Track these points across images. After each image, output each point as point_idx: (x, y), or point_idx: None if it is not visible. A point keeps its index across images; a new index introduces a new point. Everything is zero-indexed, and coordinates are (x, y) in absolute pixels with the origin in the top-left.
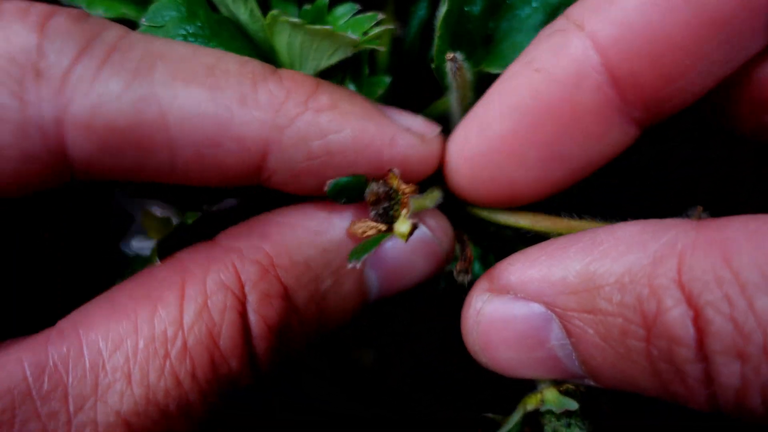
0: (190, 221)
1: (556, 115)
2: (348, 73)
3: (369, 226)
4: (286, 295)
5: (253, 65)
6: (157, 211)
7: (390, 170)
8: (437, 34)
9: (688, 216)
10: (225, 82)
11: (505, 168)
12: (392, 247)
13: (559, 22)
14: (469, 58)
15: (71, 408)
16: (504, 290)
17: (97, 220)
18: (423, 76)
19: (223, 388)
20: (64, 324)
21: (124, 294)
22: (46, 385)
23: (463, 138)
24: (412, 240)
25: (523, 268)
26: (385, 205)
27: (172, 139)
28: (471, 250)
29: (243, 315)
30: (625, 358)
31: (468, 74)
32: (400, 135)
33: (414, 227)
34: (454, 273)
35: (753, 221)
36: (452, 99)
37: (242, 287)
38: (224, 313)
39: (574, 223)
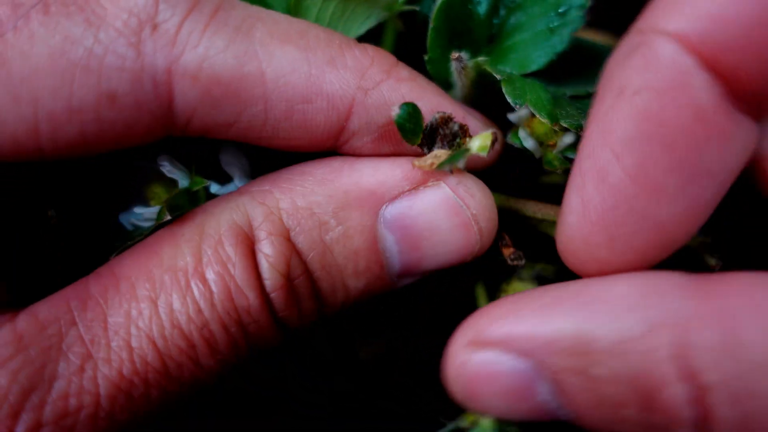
0: (195, 188)
1: (677, 129)
2: None
3: (437, 155)
4: (288, 237)
5: (339, 35)
6: (166, 167)
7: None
8: (431, 26)
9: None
10: (316, 44)
11: (647, 210)
12: (411, 206)
13: (631, 41)
14: (473, 55)
15: (110, 333)
16: (490, 344)
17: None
18: (424, 69)
19: (246, 325)
20: (101, 269)
21: (153, 238)
22: (89, 314)
23: (578, 205)
24: (436, 200)
25: (511, 323)
26: (455, 127)
27: (267, 93)
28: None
29: (254, 251)
30: (620, 422)
31: (472, 73)
32: (471, 117)
33: (496, 138)
34: (507, 258)
35: (759, 289)
36: (455, 97)
37: (251, 226)
38: (236, 248)
39: None
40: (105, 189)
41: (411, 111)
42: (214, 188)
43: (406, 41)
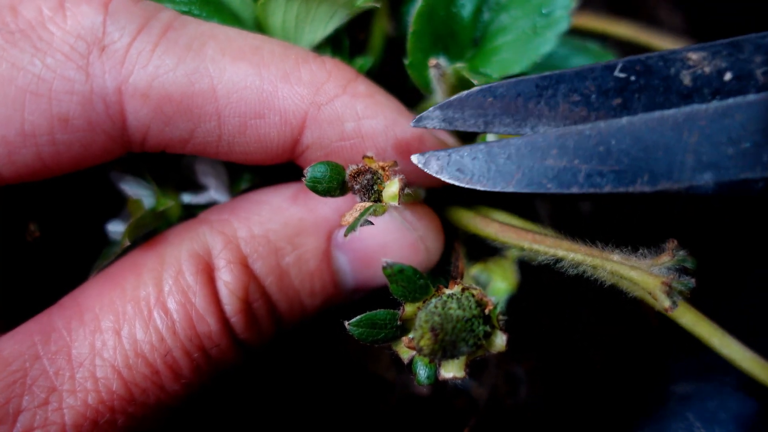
0: (160, 208)
1: None
2: (330, 47)
3: (357, 209)
4: (246, 264)
5: (297, 48)
6: (128, 190)
7: (364, 156)
8: (411, 30)
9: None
10: (270, 60)
11: None
12: (362, 230)
13: None
14: (457, 59)
15: (74, 364)
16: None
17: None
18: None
19: (208, 349)
20: (64, 300)
21: (115, 267)
22: (53, 347)
23: None
24: (384, 223)
25: None
26: (368, 177)
27: (220, 109)
28: (463, 263)
29: (213, 279)
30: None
31: (451, 79)
32: (429, 135)
33: (404, 184)
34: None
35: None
36: (437, 102)
37: (210, 255)
38: (196, 276)
39: (539, 237)
40: (91, 199)
41: (319, 172)
42: (187, 198)
43: (394, 45)
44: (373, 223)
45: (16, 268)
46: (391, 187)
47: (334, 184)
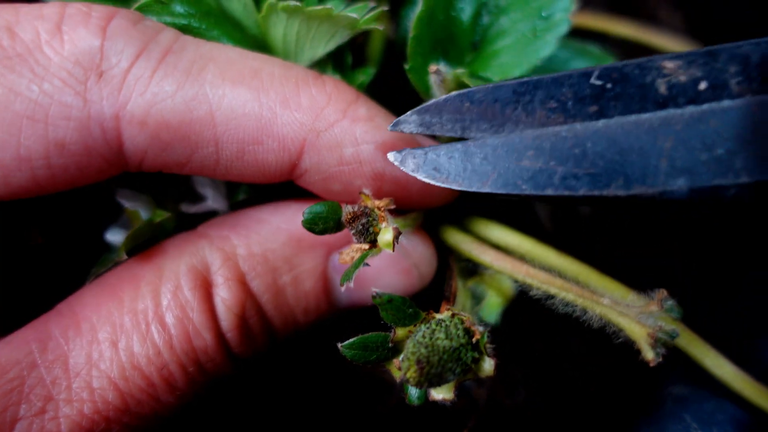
0: (158, 219)
1: None
2: (331, 62)
3: (354, 249)
4: (244, 281)
5: (297, 70)
6: (125, 203)
7: (361, 192)
8: (411, 34)
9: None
10: (269, 84)
11: None
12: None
13: None
14: (456, 63)
15: (71, 374)
16: None
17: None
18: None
19: (204, 363)
20: (61, 306)
21: (113, 276)
22: (50, 356)
23: None
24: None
25: None
26: (363, 221)
27: (218, 136)
28: (456, 283)
29: (211, 295)
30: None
31: (451, 84)
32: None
33: (398, 233)
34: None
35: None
36: None
37: (208, 270)
38: (194, 292)
39: (532, 271)
40: (92, 204)
41: (315, 213)
42: (185, 208)
43: (393, 46)
44: (369, 265)
45: (15, 273)
46: (386, 235)
47: (330, 224)
